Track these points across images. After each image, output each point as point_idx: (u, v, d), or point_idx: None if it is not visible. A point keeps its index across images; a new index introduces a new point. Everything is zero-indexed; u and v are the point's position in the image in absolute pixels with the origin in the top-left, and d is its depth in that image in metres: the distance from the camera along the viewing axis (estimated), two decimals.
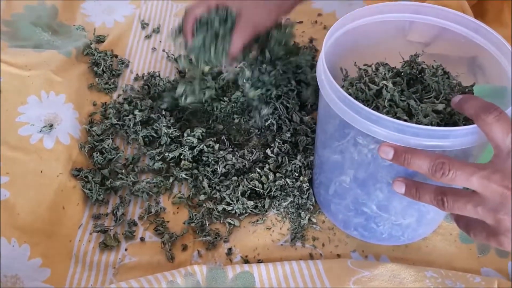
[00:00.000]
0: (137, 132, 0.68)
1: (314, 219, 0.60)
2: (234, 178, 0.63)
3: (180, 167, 0.65)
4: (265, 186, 0.61)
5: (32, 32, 0.79)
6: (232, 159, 0.64)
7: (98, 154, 0.66)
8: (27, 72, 0.70)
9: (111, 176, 0.65)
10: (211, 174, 0.64)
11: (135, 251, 0.59)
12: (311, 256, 0.58)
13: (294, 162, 0.63)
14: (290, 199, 0.60)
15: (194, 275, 0.53)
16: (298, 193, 0.61)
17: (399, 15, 0.55)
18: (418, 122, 0.46)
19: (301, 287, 0.52)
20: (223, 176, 0.64)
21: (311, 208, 0.61)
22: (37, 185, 0.59)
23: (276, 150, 0.64)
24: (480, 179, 0.40)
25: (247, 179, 0.62)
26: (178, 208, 0.63)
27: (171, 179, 0.65)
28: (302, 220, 0.60)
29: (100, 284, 0.56)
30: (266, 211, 0.60)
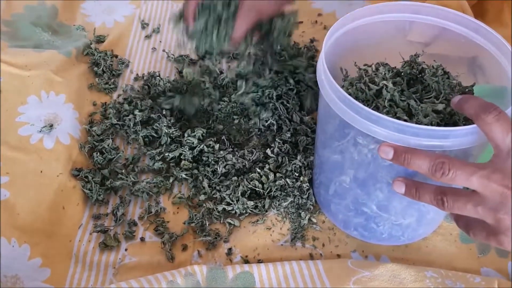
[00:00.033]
0: (137, 132, 0.68)
1: (314, 219, 0.60)
2: (234, 178, 0.63)
3: (180, 167, 0.65)
4: (265, 186, 0.61)
5: (32, 32, 0.79)
6: (232, 159, 0.64)
7: (98, 154, 0.66)
8: (27, 72, 0.70)
9: (111, 176, 0.65)
10: (211, 174, 0.64)
11: (135, 251, 0.59)
12: (311, 256, 0.58)
13: (294, 162, 0.62)
14: (290, 199, 0.60)
15: (194, 275, 0.53)
16: (298, 193, 0.61)
17: (399, 15, 0.55)
18: (418, 122, 0.46)
19: (301, 287, 0.52)
20: (223, 176, 0.64)
21: (311, 208, 0.61)
22: (37, 185, 0.59)
23: (276, 150, 0.64)
24: (480, 178, 0.40)
25: (247, 179, 0.62)
26: (178, 208, 0.63)
27: (171, 179, 0.64)
28: (302, 220, 0.60)
29: (100, 284, 0.56)
30: (266, 211, 0.60)
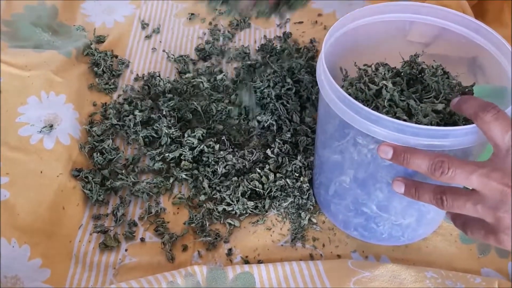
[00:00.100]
0: (137, 133, 0.68)
1: (314, 219, 0.60)
2: (234, 179, 0.63)
3: (180, 168, 0.65)
4: (265, 186, 0.61)
5: (32, 32, 0.79)
6: (232, 160, 0.64)
7: (98, 154, 0.66)
8: (27, 72, 0.70)
9: (111, 176, 0.65)
10: (211, 175, 0.64)
11: (135, 251, 0.59)
12: (311, 257, 0.57)
13: (294, 162, 0.62)
14: (290, 199, 0.60)
15: (194, 275, 0.53)
16: (298, 193, 0.61)
17: (399, 15, 0.55)
18: (418, 122, 0.46)
19: (301, 287, 0.52)
20: (223, 177, 0.64)
21: (311, 208, 0.61)
22: (37, 185, 0.59)
23: (276, 150, 0.64)
24: (480, 177, 0.40)
25: (247, 180, 0.62)
26: (178, 208, 0.63)
27: (171, 179, 0.64)
28: (302, 220, 0.60)
29: (100, 285, 0.56)
30: (266, 212, 0.60)
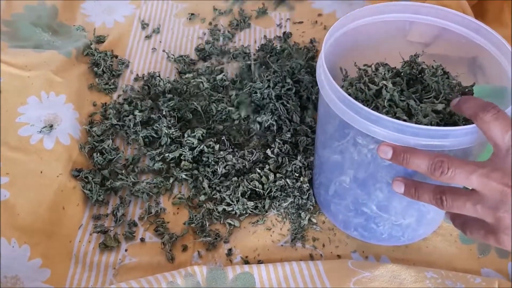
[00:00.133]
0: (137, 133, 0.68)
1: (314, 219, 0.60)
2: (234, 179, 0.62)
3: (180, 168, 0.65)
4: (265, 186, 0.61)
5: (32, 32, 0.79)
6: (232, 160, 0.64)
7: (98, 154, 0.66)
8: (27, 72, 0.70)
9: (111, 176, 0.65)
10: (211, 175, 0.64)
11: (135, 251, 0.59)
12: (311, 257, 0.57)
13: (294, 162, 0.62)
14: (290, 199, 0.60)
15: (194, 275, 0.53)
16: (298, 193, 0.61)
17: (399, 15, 0.55)
18: (418, 122, 0.46)
19: (301, 287, 0.52)
20: (223, 177, 0.64)
21: (311, 208, 0.61)
22: (37, 185, 0.59)
23: (276, 150, 0.64)
24: (480, 177, 0.40)
25: (247, 180, 0.62)
26: (178, 208, 0.63)
27: (171, 179, 0.64)
28: (302, 220, 0.60)
29: (100, 285, 0.56)
30: (266, 212, 0.60)
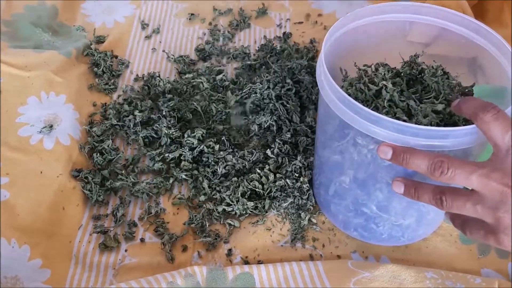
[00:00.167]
0: (137, 133, 0.68)
1: (314, 219, 0.60)
2: (234, 179, 0.62)
3: (180, 168, 0.65)
4: (265, 186, 0.61)
5: (32, 32, 0.79)
6: (232, 160, 0.64)
7: (98, 154, 0.66)
8: (27, 72, 0.70)
9: (111, 177, 0.65)
10: (211, 175, 0.64)
11: (135, 252, 0.59)
12: (311, 257, 0.57)
13: (294, 162, 0.62)
14: (290, 199, 0.60)
15: (194, 276, 0.53)
16: (298, 193, 0.61)
17: (399, 16, 0.55)
18: (418, 123, 0.46)
19: (301, 287, 0.52)
20: (223, 177, 0.64)
21: (311, 208, 0.61)
22: (37, 185, 0.59)
23: (276, 150, 0.64)
24: (480, 177, 0.40)
25: (247, 180, 0.62)
26: (178, 209, 0.63)
27: (171, 180, 0.64)
28: (302, 220, 0.60)
29: (100, 285, 0.56)
30: (266, 212, 0.60)
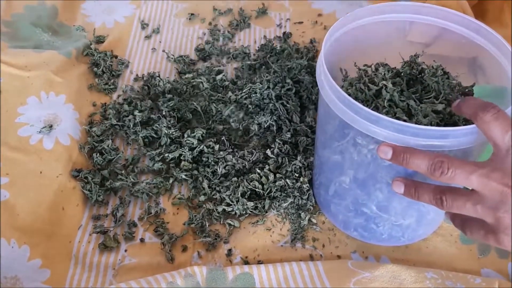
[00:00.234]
0: (137, 133, 0.68)
1: (314, 219, 0.60)
2: (234, 179, 0.62)
3: (180, 168, 0.65)
4: (265, 186, 0.61)
5: (32, 32, 0.79)
6: (232, 160, 0.64)
7: (98, 154, 0.66)
8: (27, 72, 0.70)
9: (111, 177, 0.65)
10: (211, 175, 0.64)
11: (135, 252, 0.59)
12: (311, 257, 0.57)
13: (294, 162, 0.62)
14: (290, 199, 0.60)
15: (194, 276, 0.52)
16: (298, 193, 0.61)
17: (399, 15, 0.55)
18: (418, 122, 0.46)
19: (301, 287, 0.52)
20: (223, 177, 0.64)
21: (311, 208, 0.61)
22: (37, 185, 0.59)
23: (276, 150, 0.64)
24: (480, 177, 0.40)
25: (247, 180, 0.62)
26: (178, 209, 0.63)
27: (171, 180, 0.64)
28: (302, 221, 0.59)
29: (99, 285, 0.56)
30: (266, 212, 0.60)
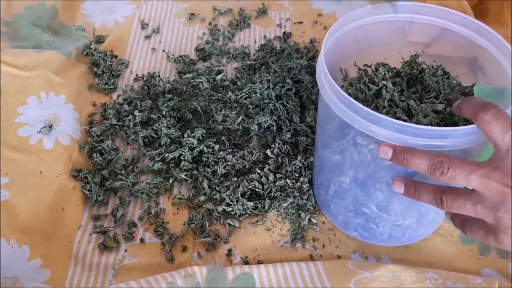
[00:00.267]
0: (136, 133, 0.68)
1: (314, 219, 0.60)
2: (234, 179, 0.62)
3: (180, 168, 0.65)
4: (265, 186, 0.61)
5: (32, 32, 0.79)
6: (232, 160, 0.64)
7: (98, 154, 0.66)
8: (27, 72, 0.70)
9: (110, 177, 0.64)
10: (211, 175, 0.64)
11: (135, 252, 0.59)
12: (311, 257, 0.57)
13: (294, 162, 0.62)
14: (290, 200, 0.60)
15: (194, 276, 0.52)
16: (298, 193, 0.60)
17: (400, 15, 0.55)
18: (418, 122, 0.46)
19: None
20: (223, 177, 0.64)
21: (311, 209, 0.61)
22: (36, 186, 0.59)
23: (276, 150, 0.64)
24: (480, 177, 0.40)
25: (247, 180, 0.62)
26: (178, 209, 0.63)
27: (171, 180, 0.64)
28: (302, 221, 0.59)
29: (99, 285, 0.55)
30: (266, 212, 0.60)
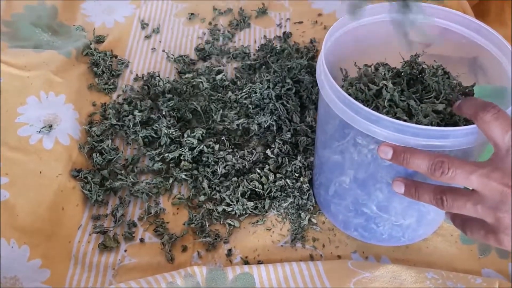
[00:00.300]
0: (136, 133, 0.68)
1: (314, 219, 0.60)
2: (234, 179, 0.62)
3: (180, 168, 0.65)
4: (265, 186, 0.61)
5: (32, 32, 0.79)
6: (232, 160, 0.64)
7: (98, 154, 0.66)
8: (26, 72, 0.70)
9: (110, 177, 0.64)
10: (211, 175, 0.64)
11: (135, 252, 0.58)
12: (312, 257, 0.57)
13: (294, 162, 0.62)
14: (290, 199, 0.60)
15: (194, 276, 0.52)
16: (298, 193, 0.60)
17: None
18: (418, 122, 0.46)
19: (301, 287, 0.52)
20: (223, 177, 0.64)
21: (311, 208, 0.61)
22: (36, 185, 0.59)
23: (276, 150, 0.64)
24: (480, 177, 0.40)
25: (247, 180, 0.62)
26: (178, 209, 0.63)
27: (171, 180, 0.64)
28: (302, 221, 0.59)
29: (99, 285, 0.55)
30: (266, 212, 0.60)
